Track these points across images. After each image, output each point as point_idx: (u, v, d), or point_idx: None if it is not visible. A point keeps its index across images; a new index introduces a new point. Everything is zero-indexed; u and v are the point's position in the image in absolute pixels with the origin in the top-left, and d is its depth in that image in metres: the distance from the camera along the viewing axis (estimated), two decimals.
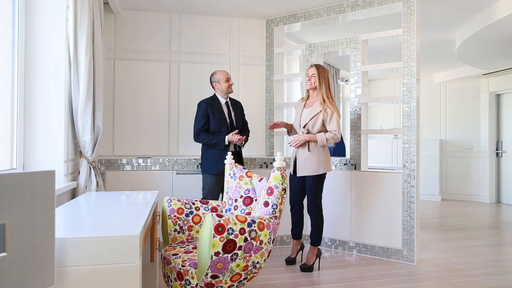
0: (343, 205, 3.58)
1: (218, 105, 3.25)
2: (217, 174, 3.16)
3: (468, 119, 6.95)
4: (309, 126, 3.04)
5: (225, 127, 3.21)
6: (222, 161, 3.12)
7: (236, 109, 3.36)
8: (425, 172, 6.75)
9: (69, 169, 2.60)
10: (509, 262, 3.33)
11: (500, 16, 3.63)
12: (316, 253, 3.09)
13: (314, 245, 3.09)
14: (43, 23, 2.41)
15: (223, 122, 3.21)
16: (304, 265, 3.05)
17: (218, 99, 3.28)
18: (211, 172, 3.18)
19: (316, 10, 3.76)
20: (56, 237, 1.19)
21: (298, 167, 3.07)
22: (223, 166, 3.12)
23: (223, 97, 3.28)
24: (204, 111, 3.19)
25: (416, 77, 3.25)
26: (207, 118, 3.18)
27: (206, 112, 3.18)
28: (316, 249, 3.09)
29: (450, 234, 4.33)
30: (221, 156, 3.13)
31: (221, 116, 3.22)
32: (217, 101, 3.27)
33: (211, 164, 3.19)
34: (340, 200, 3.59)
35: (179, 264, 1.89)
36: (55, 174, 1.08)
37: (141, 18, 3.82)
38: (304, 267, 3.04)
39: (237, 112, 3.35)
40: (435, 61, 6.10)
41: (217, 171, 3.15)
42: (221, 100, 3.28)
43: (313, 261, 3.06)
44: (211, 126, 3.19)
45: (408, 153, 3.28)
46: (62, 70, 2.46)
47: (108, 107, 3.68)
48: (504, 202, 6.56)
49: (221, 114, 3.23)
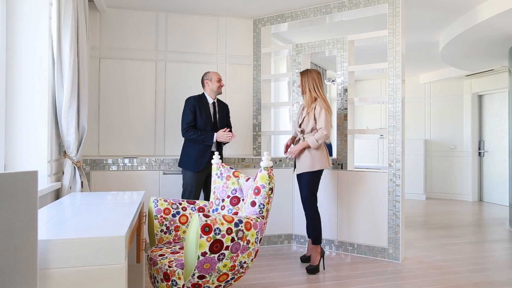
0: (329, 205, 3.61)
1: (205, 104, 3.27)
2: (197, 172, 3.17)
3: (451, 119, 7.09)
4: (304, 125, 3.12)
5: (209, 126, 3.23)
6: (203, 159, 3.17)
7: (222, 111, 3.38)
8: (410, 171, 6.86)
9: (53, 169, 2.55)
10: (490, 259, 3.41)
11: (482, 19, 3.71)
12: (319, 251, 3.06)
13: (314, 244, 3.07)
14: (25, 20, 2.36)
15: (208, 121, 3.23)
16: (309, 267, 3.02)
17: (206, 98, 3.30)
18: (190, 169, 3.19)
19: (303, 10, 3.78)
20: (39, 239, 1.16)
21: (296, 165, 3.15)
22: (203, 165, 3.16)
23: (211, 97, 3.30)
24: (192, 106, 3.21)
25: (401, 78, 3.30)
26: (194, 114, 3.20)
27: (194, 107, 3.21)
28: (318, 248, 3.06)
29: (434, 232, 4.41)
30: (203, 155, 3.17)
31: (207, 114, 3.24)
32: (205, 99, 3.29)
33: (190, 161, 3.20)
34: (327, 200, 3.62)
35: (166, 265, 1.88)
36: (37, 175, 1.05)
37: (127, 16, 3.77)
38: (309, 268, 3.01)
39: (222, 114, 3.37)
40: (420, 62, 6.21)
41: (197, 169, 3.17)
42: (208, 99, 3.30)
43: (318, 261, 3.03)
44: (197, 122, 3.22)
45: (393, 153, 3.33)
46: (45, 69, 2.42)
47: (93, 107, 3.63)
48: (486, 201, 6.71)
49: (207, 113, 3.25)
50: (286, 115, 5.05)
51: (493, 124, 6.63)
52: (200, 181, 3.23)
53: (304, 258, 3.26)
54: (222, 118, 3.37)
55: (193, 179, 3.18)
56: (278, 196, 3.67)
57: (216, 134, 3.19)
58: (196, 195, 3.21)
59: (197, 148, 3.20)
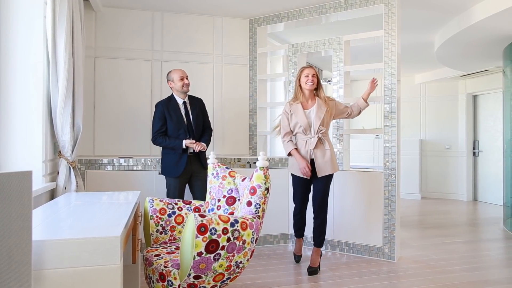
0: None
1: (175, 106, 3.13)
2: (177, 177, 3.10)
3: (446, 120, 7.13)
4: (325, 124, 2.99)
5: (182, 129, 3.10)
6: (181, 164, 3.09)
7: (195, 109, 3.20)
8: (406, 171, 6.89)
9: (48, 169, 2.53)
10: (485, 258, 3.44)
11: (476, 19, 3.74)
12: (320, 254, 3.09)
13: (319, 247, 3.06)
14: (20, 19, 2.34)
15: (180, 124, 3.10)
16: (311, 268, 3.00)
17: (175, 99, 3.16)
18: (170, 175, 3.12)
19: (299, 10, 3.79)
20: (34, 239, 1.16)
21: (319, 168, 2.97)
22: (182, 169, 3.08)
23: (180, 97, 3.15)
24: (160, 113, 3.10)
25: (397, 78, 3.31)
26: (164, 120, 3.09)
27: (162, 114, 3.09)
28: (319, 250, 3.09)
29: (429, 232, 4.44)
30: (180, 159, 3.09)
31: (178, 117, 3.11)
32: (173, 101, 3.14)
33: (169, 167, 3.13)
34: None
35: (162, 265, 1.87)
36: (32, 175, 1.05)
37: (122, 16, 3.76)
38: (311, 270, 2.98)
39: (195, 112, 3.19)
40: (415, 62, 6.24)
41: (176, 174, 3.09)
42: (178, 100, 3.15)
43: (319, 262, 3.05)
44: (169, 128, 3.10)
45: (389, 153, 3.34)
46: (40, 68, 2.40)
47: (88, 106, 3.61)
48: (480, 200, 6.76)
49: (178, 116, 3.11)
50: None
51: (487, 124, 6.67)
52: (181, 185, 3.14)
53: (299, 258, 3.25)
54: (197, 116, 3.19)
55: (175, 184, 3.11)
56: (274, 196, 3.67)
57: (184, 142, 3.05)
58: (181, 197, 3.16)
59: (173, 153, 3.10)
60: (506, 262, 3.38)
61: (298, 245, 3.27)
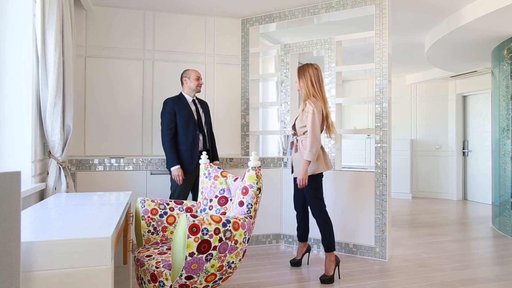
0: None
1: (185, 103, 3.18)
2: (187, 174, 3.11)
3: (437, 120, 7.21)
4: (296, 127, 2.94)
5: (192, 123, 3.13)
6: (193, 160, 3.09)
7: (204, 108, 3.32)
8: (397, 170, 6.95)
9: (37, 169, 2.50)
10: (474, 256, 3.48)
11: (466, 21, 3.79)
12: (333, 260, 2.83)
13: (327, 251, 2.85)
14: (9, 17, 2.31)
15: (190, 118, 3.14)
16: (323, 276, 2.79)
17: (184, 96, 3.22)
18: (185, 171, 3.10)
19: (291, 11, 3.80)
20: (23, 240, 1.14)
21: (294, 168, 2.96)
22: (194, 166, 3.08)
23: (189, 95, 3.23)
24: (170, 108, 3.12)
25: (388, 79, 3.34)
26: (173, 116, 3.11)
27: (172, 109, 3.11)
28: (332, 255, 2.83)
29: (420, 231, 4.48)
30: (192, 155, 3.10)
31: (188, 112, 3.14)
32: (183, 98, 3.21)
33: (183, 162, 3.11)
34: None
35: (153, 266, 1.86)
36: (20, 175, 1.03)
37: (113, 14, 3.73)
38: (323, 278, 2.78)
39: (205, 110, 3.30)
40: (406, 63, 6.30)
41: (188, 171, 3.10)
42: (187, 98, 3.22)
43: (333, 270, 2.80)
44: (178, 123, 3.11)
45: (380, 153, 3.37)
46: (29, 67, 2.37)
47: (79, 106, 3.58)
48: (470, 199, 6.85)
49: (188, 111, 3.15)
50: (274, 115, 5.06)
51: (477, 124, 6.76)
52: (189, 184, 3.15)
53: (295, 262, 3.16)
54: (206, 114, 3.29)
55: (183, 182, 3.09)
56: (266, 196, 3.68)
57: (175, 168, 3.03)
58: (185, 199, 3.12)
59: (185, 147, 3.10)
60: (494, 260, 3.43)
61: (298, 249, 3.23)
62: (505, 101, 4.44)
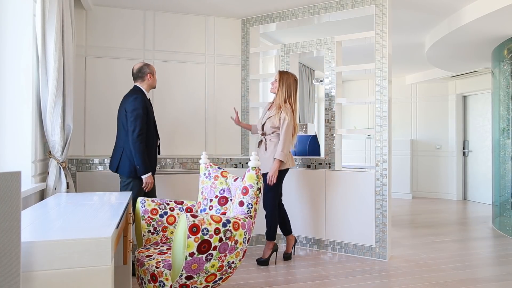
0: (317, 204, 3.63)
1: (149, 102, 2.88)
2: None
3: (437, 120, 7.21)
4: (266, 128, 3.20)
5: (154, 125, 2.89)
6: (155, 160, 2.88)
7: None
8: (397, 170, 6.95)
9: (38, 169, 2.50)
10: (474, 256, 3.48)
11: (466, 21, 3.79)
12: (271, 247, 3.21)
13: (267, 240, 3.22)
14: (9, 17, 2.31)
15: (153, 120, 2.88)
16: (260, 259, 3.21)
17: (146, 94, 2.86)
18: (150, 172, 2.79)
19: (291, 11, 3.80)
20: (23, 240, 1.14)
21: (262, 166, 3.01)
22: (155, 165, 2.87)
23: (147, 93, 2.90)
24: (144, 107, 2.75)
25: (388, 79, 3.34)
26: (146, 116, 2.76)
27: (145, 108, 2.77)
28: (271, 244, 3.21)
29: (420, 231, 4.48)
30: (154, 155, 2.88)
31: (152, 113, 2.90)
32: (147, 97, 2.85)
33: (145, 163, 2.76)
34: (315, 199, 3.64)
35: (153, 266, 1.86)
36: (21, 175, 1.03)
37: (113, 14, 3.73)
38: (260, 260, 3.19)
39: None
40: (406, 63, 6.30)
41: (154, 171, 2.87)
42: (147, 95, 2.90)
43: (268, 254, 3.20)
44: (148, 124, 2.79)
45: (380, 153, 3.37)
46: (29, 67, 2.37)
47: (79, 106, 3.57)
48: (470, 199, 6.85)
49: (152, 112, 2.90)
50: None
51: (477, 124, 6.76)
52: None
53: (287, 255, 3.35)
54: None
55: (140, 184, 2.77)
56: None
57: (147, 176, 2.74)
58: None
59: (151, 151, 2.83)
60: (495, 260, 3.43)
61: (287, 242, 3.44)
62: (505, 101, 4.44)
